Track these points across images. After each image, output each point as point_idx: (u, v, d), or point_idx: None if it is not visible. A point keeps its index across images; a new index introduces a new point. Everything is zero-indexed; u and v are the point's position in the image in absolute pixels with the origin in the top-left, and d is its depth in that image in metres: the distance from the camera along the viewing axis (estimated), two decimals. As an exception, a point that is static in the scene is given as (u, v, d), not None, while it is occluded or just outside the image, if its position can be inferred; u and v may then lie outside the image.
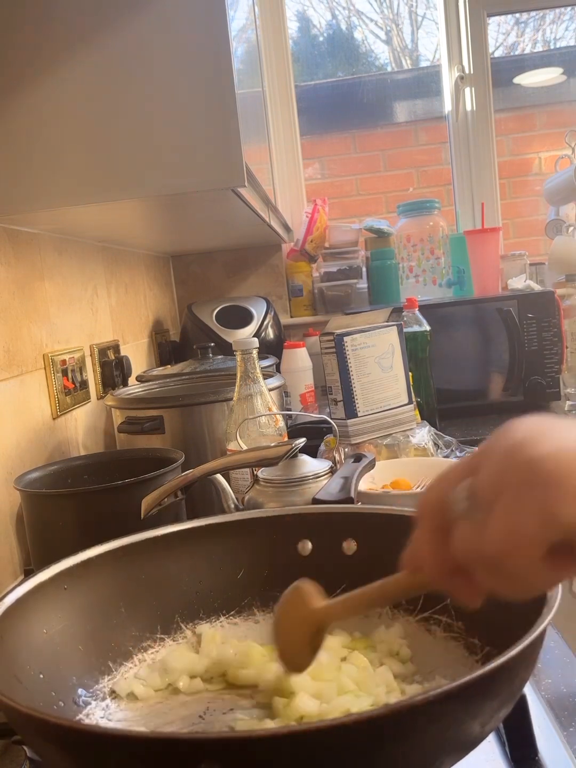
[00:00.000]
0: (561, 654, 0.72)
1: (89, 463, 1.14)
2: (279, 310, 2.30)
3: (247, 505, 0.97)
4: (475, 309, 1.91)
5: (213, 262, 2.38)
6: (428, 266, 2.28)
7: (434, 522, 0.44)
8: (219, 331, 2.00)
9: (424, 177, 2.60)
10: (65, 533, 0.97)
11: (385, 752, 0.42)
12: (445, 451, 1.34)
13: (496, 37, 2.67)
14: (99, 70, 0.97)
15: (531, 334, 1.85)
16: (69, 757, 0.46)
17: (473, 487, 0.41)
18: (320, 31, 2.71)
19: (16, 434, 1.13)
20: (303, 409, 1.88)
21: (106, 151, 0.98)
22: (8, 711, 0.46)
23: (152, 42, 0.96)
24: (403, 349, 1.31)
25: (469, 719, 0.44)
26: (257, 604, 0.73)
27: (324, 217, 2.31)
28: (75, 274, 1.45)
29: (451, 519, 0.42)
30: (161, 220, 1.43)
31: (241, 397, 1.12)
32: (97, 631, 0.65)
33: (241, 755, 0.41)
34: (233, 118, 0.97)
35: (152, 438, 1.22)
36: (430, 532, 0.44)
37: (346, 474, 0.91)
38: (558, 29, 2.74)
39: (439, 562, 0.43)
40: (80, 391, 1.38)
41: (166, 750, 0.41)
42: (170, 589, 0.71)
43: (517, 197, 2.61)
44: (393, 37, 2.75)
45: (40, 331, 1.25)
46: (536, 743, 0.57)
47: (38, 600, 0.62)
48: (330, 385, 1.28)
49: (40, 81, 0.97)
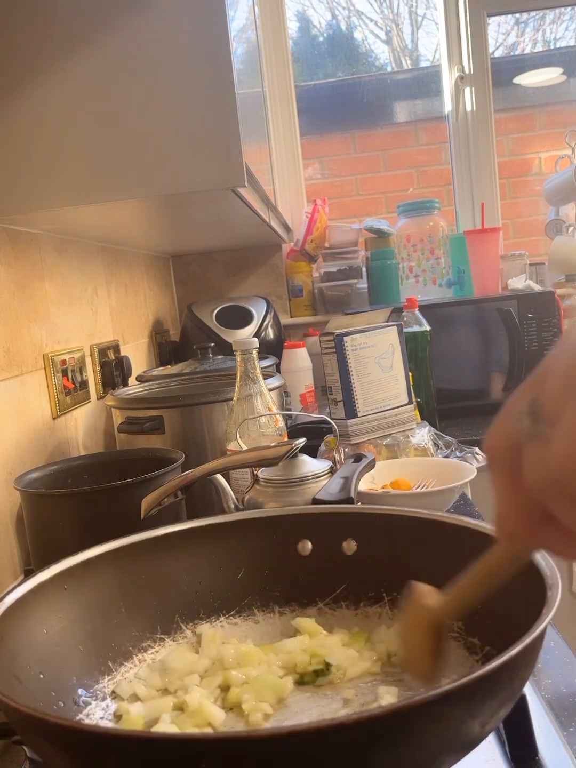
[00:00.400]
0: (561, 654, 0.72)
1: (89, 463, 1.14)
2: (279, 310, 2.30)
3: (247, 505, 0.97)
4: (475, 309, 1.91)
5: (213, 262, 2.38)
6: (428, 266, 2.28)
7: (505, 467, 0.36)
8: (219, 331, 2.00)
9: (424, 177, 2.60)
10: (65, 533, 0.97)
11: (385, 752, 0.42)
12: (445, 451, 1.34)
13: (496, 37, 2.67)
14: (99, 70, 0.97)
15: (531, 334, 1.85)
16: (69, 757, 0.46)
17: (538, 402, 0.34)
18: (320, 31, 2.71)
19: (16, 434, 1.13)
20: (303, 409, 1.88)
21: (106, 151, 0.98)
22: (8, 711, 0.46)
23: (152, 42, 0.96)
24: (403, 349, 1.31)
25: (469, 719, 0.44)
26: (257, 604, 0.73)
27: (324, 217, 2.31)
28: (75, 274, 1.45)
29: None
30: (161, 220, 1.43)
31: (241, 397, 1.12)
32: (97, 631, 0.65)
33: (241, 755, 0.41)
34: (233, 118, 0.97)
35: (152, 438, 1.22)
36: (503, 482, 0.36)
37: (346, 474, 0.91)
38: (558, 29, 2.74)
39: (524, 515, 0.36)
40: (80, 391, 1.38)
41: (166, 750, 0.41)
42: (170, 589, 0.71)
43: (517, 197, 2.61)
44: (393, 37, 2.75)
45: (40, 331, 1.25)
46: (536, 743, 0.57)
47: (38, 600, 0.62)
48: (330, 385, 1.28)
49: (40, 81, 0.97)
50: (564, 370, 0.33)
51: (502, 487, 0.36)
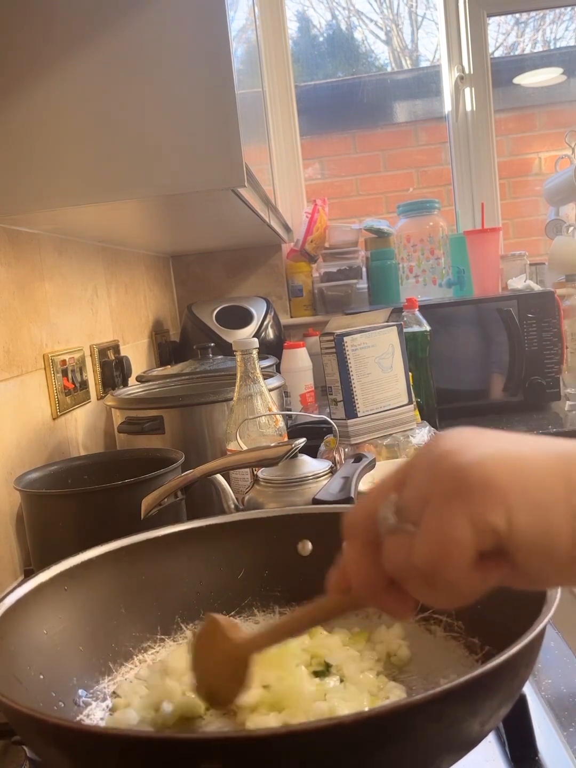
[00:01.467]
0: (561, 654, 0.72)
1: (89, 463, 1.14)
2: (279, 310, 2.30)
3: (247, 505, 0.97)
4: (475, 309, 1.91)
5: (213, 262, 2.38)
6: (428, 266, 2.28)
7: (362, 540, 0.42)
8: (219, 332, 2.00)
9: (424, 177, 2.60)
10: (65, 533, 0.97)
11: (385, 752, 0.42)
12: (445, 451, 1.33)
13: (496, 37, 2.67)
14: (99, 70, 0.97)
15: (531, 334, 1.85)
16: (69, 757, 0.46)
17: (400, 501, 0.41)
18: (320, 32, 2.72)
19: (16, 434, 1.13)
20: (303, 409, 1.88)
21: (106, 151, 0.98)
22: (8, 711, 0.46)
23: (152, 42, 0.96)
24: (403, 349, 1.31)
25: (469, 718, 0.44)
26: (257, 605, 0.73)
27: (324, 217, 2.31)
28: (75, 274, 1.45)
29: (379, 536, 0.41)
30: (161, 220, 1.43)
31: (241, 397, 1.12)
32: (97, 632, 0.65)
33: (241, 755, 0.41)
34: (233, 118, 0.97)
35: (152, 438, 1.22)
36: (358, 551, 0.43)
37: (347, 474, 0.91)
38: (558, 29, 2.74)
39: (369, 580, 0.42)
40: (80, 391, 1.38)
41: (166, 750, 0.41)
42: (170, 590, 0.71)
43: (517, 197, 2.61)
44: (393, 38, 2.75)
45: (40, 332, 1.25)
46: (536, 743, 0.57)
47: (38, 601, 0.62)
48: (330, 385, 1.28)
49: (40, 81, 0.97)
50: (423, 474, 0.40)
51: (353, 554, 0.43)
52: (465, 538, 0.37)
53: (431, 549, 0.38)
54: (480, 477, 0.37)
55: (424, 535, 0.38)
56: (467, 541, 0.37)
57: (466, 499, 0.37)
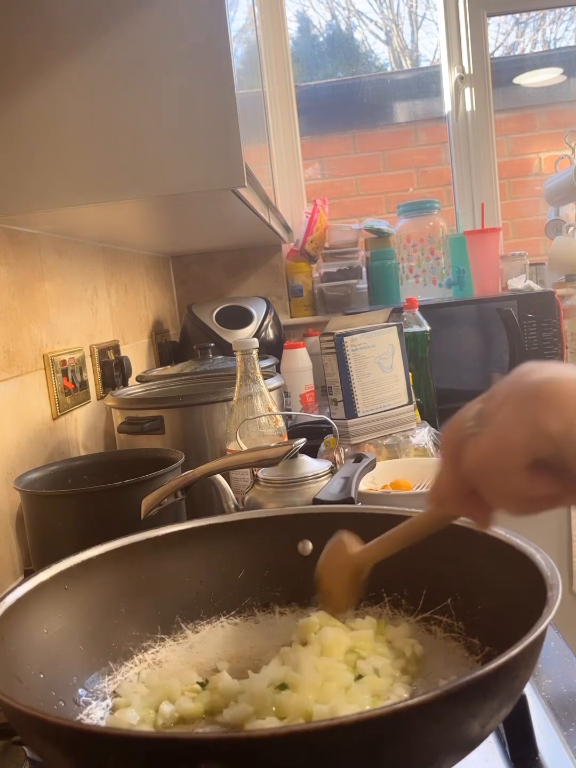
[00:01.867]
0: (561, 654, 0.72)
1: (89, 463, 1.14)
2: (279, 310, 2.30)
3: (247, 505, 0.97)
4: (475, 309, 1.91)
5: (213, 262, 2.38)
6: (428, 266, 2.28)
7: (450, 451, 0.47)
8: (219, 332, 2.00)
9: (424, 177, 2.60)
10: (65, 533, 0.97)
11: (385, 752, 0.42)
12: (445, 451, 1.33)
13: (496, 37, 2.67)
14: (99, 70, 0.97)
15: (531, 334, 1.85)
16: (69, 757, 0.46)
17: (482, 410, 0.45)
18: (320, 32, 2.71)
19: (16, 434, 1.13)
20: (303, 409, 1.88)
21: (106, 151, 0.98)
22: (8, 711, 0.46)
23: (152, 42, 0.96)
24: (403, 350, 1.31)
25: (469, 719, 0.44)
26: (257, 605, 0.73)
27: (324, 217, 2.31)
28: (75, 274, 1.45)
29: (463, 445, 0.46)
30: (161, 220, 1.43)
31: (241, 398, 1.12)
32: (97, 631, 0.65)
33: (241, 755, 0.41)
34: (233, 118, 0.97)
35: (152, 438, 1.22)
36: (447, 462, 0.47)
37: (347, 474, 0.91)
38: (558, 29, 2.74)
39: (455, 487, 0.47)
40: (80, 391, 1.38)
41: (166, 750, 0.41)
42: (170, 589, 0.71)
43: (517, 197, 2.61)
44: (393, 38, 2.75)
45: (40, 332, 1.25)
46: (536, 743, 0.57)
47: (38, 600, 0.62)
48: (330, 385, 1.28)
49: (40, 81, 0.97)
50: (506, 387, 0.44)
51: (444, 466, 0.48)
52: (521, 438, 0.41)
53: (489, 443, 0.43)
54: (548, 391, 0.41)
55: (488, 431, 0.43)
56: (522, 440, 0.41)
57: (531, 407, 0.41)
